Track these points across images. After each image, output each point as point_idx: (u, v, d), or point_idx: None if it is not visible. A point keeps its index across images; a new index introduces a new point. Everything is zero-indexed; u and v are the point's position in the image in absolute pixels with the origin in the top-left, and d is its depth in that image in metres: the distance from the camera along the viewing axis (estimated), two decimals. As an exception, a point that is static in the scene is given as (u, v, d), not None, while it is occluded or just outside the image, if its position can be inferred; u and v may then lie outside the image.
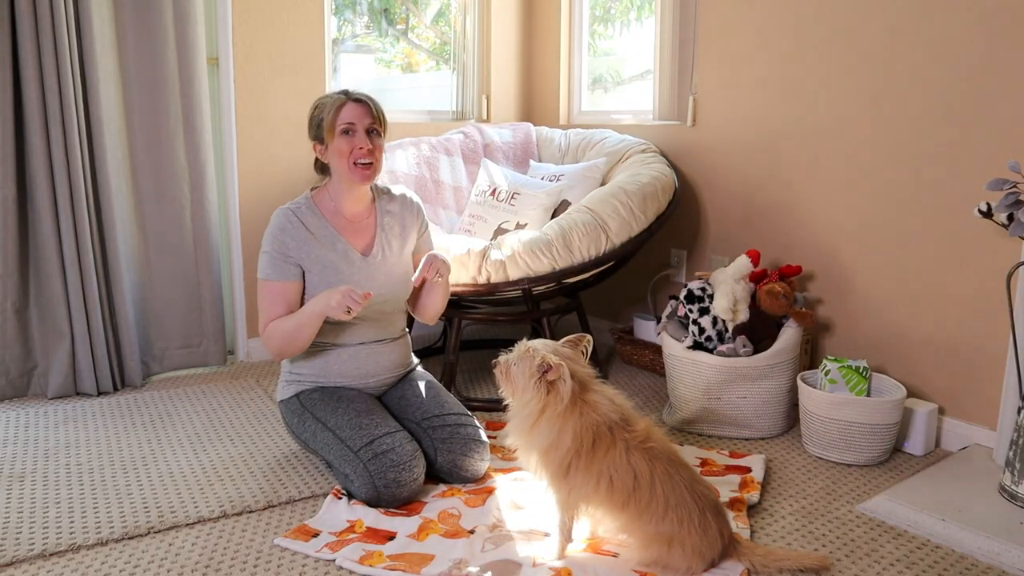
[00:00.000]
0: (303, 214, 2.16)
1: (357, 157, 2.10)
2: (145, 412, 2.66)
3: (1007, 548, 1.81)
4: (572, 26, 3.74)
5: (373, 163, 2.12)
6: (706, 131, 3.07)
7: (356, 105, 2.11)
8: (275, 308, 2.12)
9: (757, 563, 1.70)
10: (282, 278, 2.12)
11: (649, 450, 1.68)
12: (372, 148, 2.11)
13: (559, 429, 1.68)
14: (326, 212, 2.19)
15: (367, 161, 2.11)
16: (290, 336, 2.09)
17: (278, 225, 2.14)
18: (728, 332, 2.53)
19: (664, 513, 1.64)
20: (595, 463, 1.67)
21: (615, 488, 1.66)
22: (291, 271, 2.13)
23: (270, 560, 1.76)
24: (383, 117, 2.15)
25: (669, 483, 1.65)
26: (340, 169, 2.12)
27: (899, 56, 2.43)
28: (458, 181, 3.31)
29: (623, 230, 2.72)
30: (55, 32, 2.59)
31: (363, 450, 1.97)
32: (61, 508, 1.97)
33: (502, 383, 1.77)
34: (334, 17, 3.44)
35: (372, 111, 2.12)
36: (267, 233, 2.15)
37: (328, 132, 2.11)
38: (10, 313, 2.75)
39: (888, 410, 2.27)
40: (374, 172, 2.14)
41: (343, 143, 2.09)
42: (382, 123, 2.15)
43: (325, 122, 2.11)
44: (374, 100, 2.15)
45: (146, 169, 2.91)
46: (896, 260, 2.50)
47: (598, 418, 1.69)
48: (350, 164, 2.10)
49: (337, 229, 2.18)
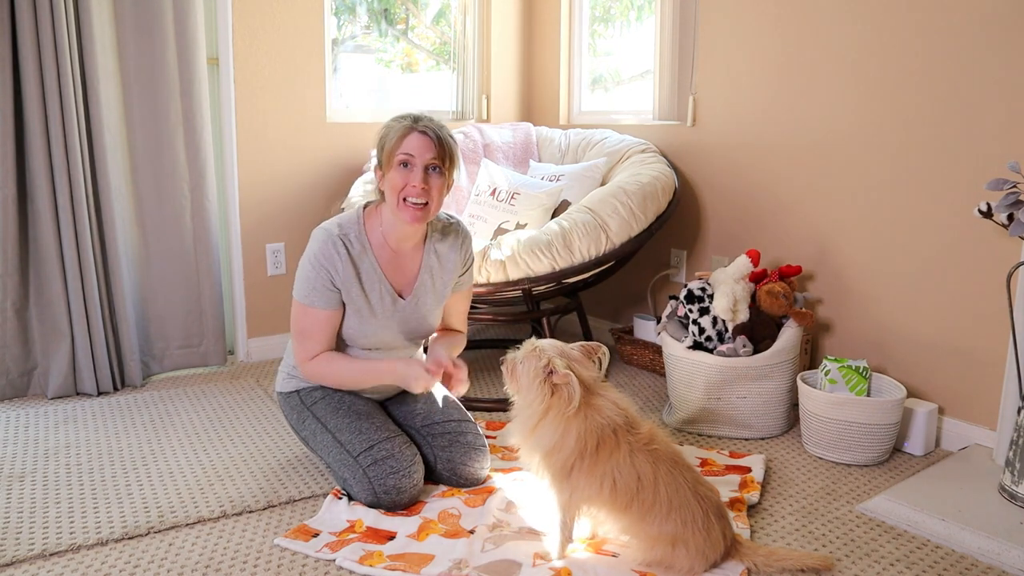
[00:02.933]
0: (352, 245, 1.98)
1: (408, 195, 1.91)
2: (145, 412, 2.66)
3: (1007, 548, 1.81)
4: (572, 26, 3.74)
5: (428, 203, 1.93)
6: (706, 131, 3.07)
7: (420, 136, 1.91)
8: (319, 338, 2.00)
9: (760, 563, 1.70)
10: (326, 306, 1.98)
11: (653, 452, 1.68)
12: (427, 188, 1.92)
13: (563, 431, 1.68)
14: (374, 241, 2.02)
15: (419, 201, 1.92)
16: (347, 382, 2.08)
17: (325, 253, 1.96)
18: (728, 332, 2.53)
19: (668, 514, 1.64)
20: (598, 465, 1.67)
21: (618, 490, 1.66)
22: (335, 298, 1.99)
23: (270, 560, 1.76)
24: (450, 152, 1.95)
25: (673, 485, 1.65)
26: (391, 203, 1.96)
27: (899, 56, 2.43)
28: (458, 181, 3.32)
29: (623, 230, 2.72)
30: (55, 32, 2.59)
31: (362, 455, 1.96)
32: (61, 508, 1.97)
33: (508, 380, 1.77)
34: (334, 17, 3.44)
35: (436, 146, 1.92)
36: (312, 255, 1.97)
37: (387, 161, 1.94)
38: (10, 313, 2.75)
39: (888, 410, 2.27)
40: (426, 214, 1.95)
41: (398, 177, 1.92)
42: (447, 159, 1.94)
43: (386, 149, 1.94)
44: (443, 131, 1.95)
45: (146, 169, 2.91)
46: (896, 260, 2.50)
47: (602, 421, 1.69)
48: (399, 200, 1.92)
49: (381, 264, 2.03)
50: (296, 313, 2.02)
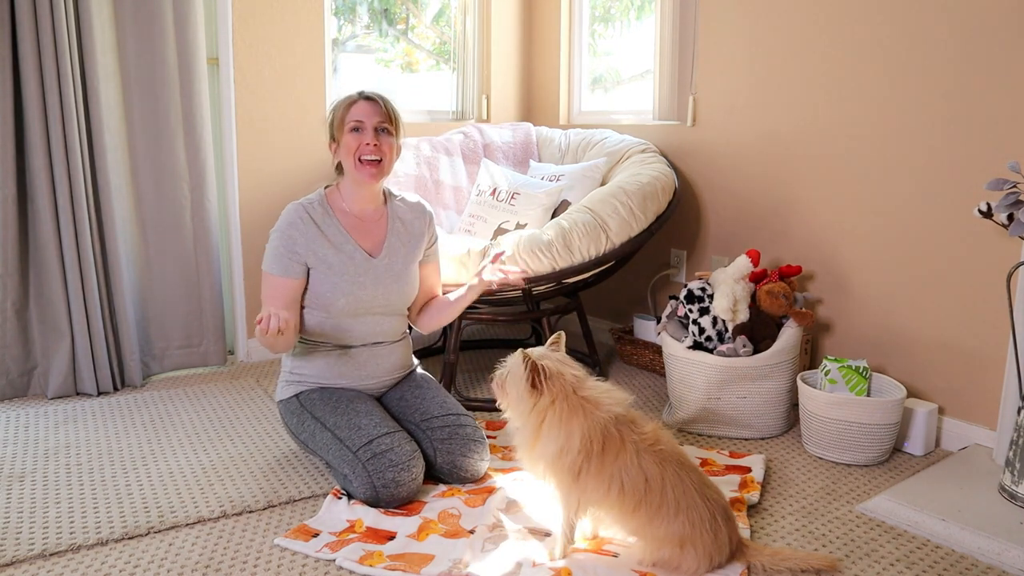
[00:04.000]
0: (315, 210, 2.15)
1: (363, 153, 2.09)
2: (145, 412, 2.66)
3: (1007, 548, 1.81)
4: (572, 26, 3.74)
5: (381, 160, 2.11)
6: (706, 131, 3.07)
7: (367, 103, 2.11)
8: (273, 302, 2.12)
9: (766, 563, 1.70)
10: (284, 274, 2.11)
11: (659, 453, 1.68)
12: (379, 145, 2.10)
13: (566, 433, 1.67)
14: (337, 210, 2.18)
15: (373, 158, 2.10)
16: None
17: (288, 220, 2.13)
18: (728, 332, 2.53)
19: (675, 515, 1.63)
20: (605, 467, 1.67)
21: (626, 492, 1.65)
22: (295, 268, 2.12)
23: (270, 560, 1.76)
24: (395, 116, 2.14)
25: (680, 486, 1.65)
26: (348, 167, 2.13)
27: (899, 56, 2.43)
28: (458, 181, 3.31)
29: (623, 230, 2.72)
30: (55, 32, 2.59)
31: (362, 450, 1.97)
32: (61, 508, 1.97)
33: (499, 396, 1.78)
34: (334, 17, 3.44)
35: (383, 109, 2.11)
36: (277, 226, 2.14)
37: (338, 129, 2.12)
38: (10, 313, 2.75)
39: (888, 410, 2.27)
40: (381, 171, 2.13)
41: (351, 140, 2.10)
42: (393, 122, 2.14)
43: (336, 119, 2.12)
44: (387, 99, 2.14)
45: (146, 169, 2.91)
46: (896, 260, 2.50)
47: (604, 416, 1.69)
48: (356, 161, 2.10)
49: (347, 228, 2.17)
50: (262, 282, 2.16)
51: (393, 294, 2.20)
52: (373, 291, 2.15)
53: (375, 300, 2.16)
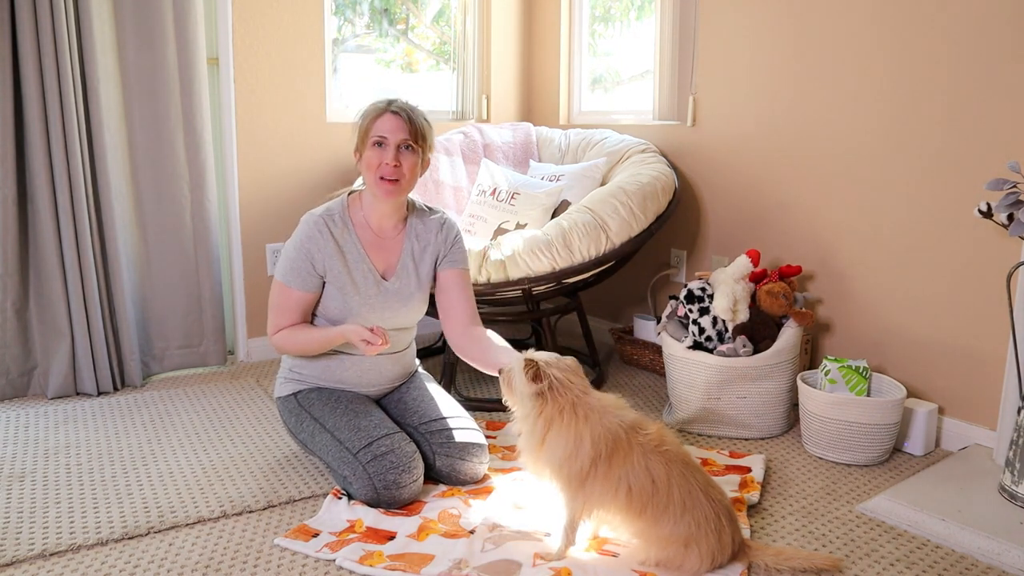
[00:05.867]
0: (335, 225, 2.10)
1: (383, 173, 2.03)
2: (145, 412, 2.66)
3: (1007, 548, 1.81)
4: (572, 26, 3.74)
5: (399, 180, 2.04)
6: (706, 131, 3.07)
7: (393, 117, 2.03)
8: (290, 315, 2.10)
9: (769, 562, 1.70)
10: (303, 288, 2.08)
11: (664, 454, 1.68)
12: (399, 165, 2.03)
13: (576, 439, 1.67)
14: (357, 223, 2.13)
15: (392, 178, 2.04)
16: (308, 350, 2.12)
17: (307, 233, 2.08)
18: (728, 332, 2.53)
19: (681, 516, 1.64)
20: (613, 470, 1.67)
21: (633, 494, 1.66)
22: (312, 281, 2.09)
23: (270, 560, 1.76)
24: (422, 131, 2.06)
25: (686, 487, 1.65)
26: (368, 181, 2.08)
27: (899, 56, 2.43)
28: (458, 181, 3.31)
29: (623, 230, 2.72)
30: (55, 32, 2.59)
31: (362, 452, 1.97)
32: (61, 508, 1.97)
33: (505, 392, 1.80)
34: (334, 17, 3.44)
35: (408, 126, 2.03)
36: (295, 237, 2.10)
37: (362, 141, 2.06)
38: (10, 313, 2.75)
39: (888, 410, 2.27)
40: (400, 189, 2.06)
41: (373, 155, 2.04)
42: (420, 139, 2.06)
43: (362, 129, 2.06)
44: (414, 112, 2.06)
45: (146, 169, 2.91)
46: (896, 260, 2.50)
47: (614, 422, 1.69)
48: (375, 178, 2.04)
49: (364, 246, 2.13)
50: (274, 289, 2.13)
51: (400, 316, 2.17)
52: (381, 313, 2.13)
53: (382, 320, 2.14)
